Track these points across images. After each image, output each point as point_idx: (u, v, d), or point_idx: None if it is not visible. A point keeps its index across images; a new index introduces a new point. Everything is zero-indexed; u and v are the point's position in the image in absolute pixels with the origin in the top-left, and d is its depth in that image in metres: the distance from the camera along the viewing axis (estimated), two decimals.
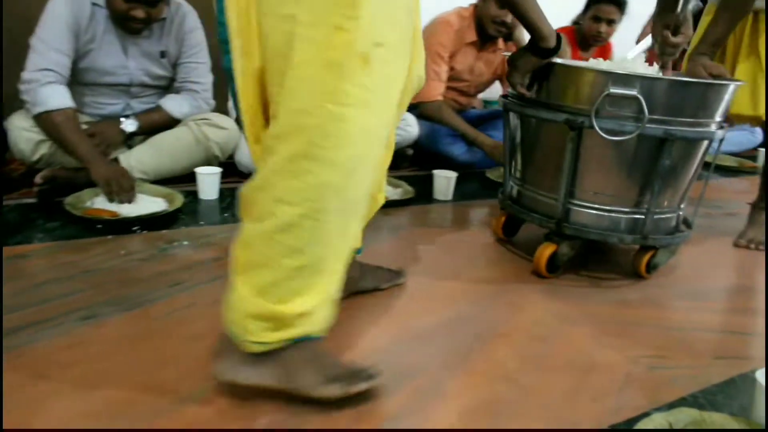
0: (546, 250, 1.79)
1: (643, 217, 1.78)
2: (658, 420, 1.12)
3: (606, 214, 1.80)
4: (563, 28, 3.51)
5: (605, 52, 3.59)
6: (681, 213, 1.91)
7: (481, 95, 3.45)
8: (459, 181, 2.48)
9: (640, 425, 1.11)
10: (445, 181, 2.43)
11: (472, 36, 2.91)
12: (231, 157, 2.49)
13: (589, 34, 3.37)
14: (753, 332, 1.63)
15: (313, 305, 1.08)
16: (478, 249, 2.00)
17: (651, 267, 1.88)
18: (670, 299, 1.78)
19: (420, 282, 1.70)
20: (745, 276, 2.05)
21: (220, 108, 2.50)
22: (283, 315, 1.06)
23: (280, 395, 1.11)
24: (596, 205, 1.79)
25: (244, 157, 2.46)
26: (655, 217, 1.79)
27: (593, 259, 1.99)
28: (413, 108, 2.81)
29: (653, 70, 1.84)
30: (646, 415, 1.16)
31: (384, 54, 1.02)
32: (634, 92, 1.62)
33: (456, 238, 2.10)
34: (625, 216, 1.80)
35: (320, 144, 0.99)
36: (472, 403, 1.18)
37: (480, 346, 1.39)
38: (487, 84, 3.18)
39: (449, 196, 2.45)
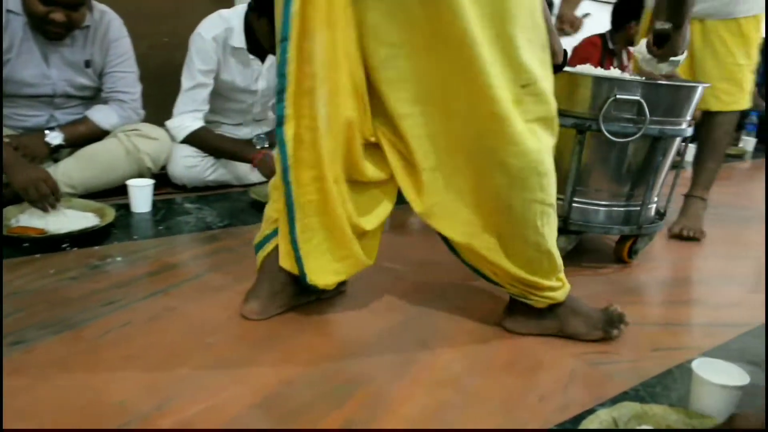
0: None
1: (637, 209, 1.98)
2: (602, 416, 1.14)
3: (606, 209, 1.98)
4: None
5: None
6: (656, 203, 2.12)
7: None
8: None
9: (586, 422, 1.13)
10: None
11: None
12: (164, 168, 2.42)
13: None
14: (686, 323, 1.68)
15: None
16: (419, 253, 2.01)
17: (633, 252, 2.07)
18: (608, 295, 1.81)
19: (363, 289, 1.69)
20: (677, 268, 2.11)
21: (150, 118, 2.43)
22: (559, 282, 1.47)
23: None
24: (597, 201, 1.97)
25: (177, 168, 2.40)
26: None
27: None
28: None
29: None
30: (591, 411, 1.18)
31: (533, 89, 1.27)
32: (637, 96, 1.79)
33: (397, 242, 2.09)
34: (622, 209, 1.99)
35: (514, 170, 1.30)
36: (419, 411, 1.17)
37: (425, 352, 1.39)
38: None
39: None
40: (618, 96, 1.78)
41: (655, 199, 2.07)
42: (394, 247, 2.03)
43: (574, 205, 1.95)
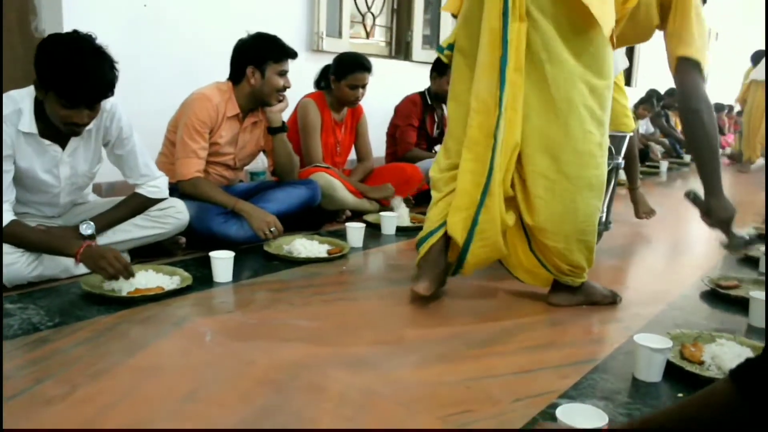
0: None
1: (604, 215, 2.89)
2: None
3: None
4: (311, 94, 3.62)
5: (358, 112, 3.79)
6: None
7: (247, 168, 3.42)
8: (238, 260, 2.39)
9: None
10: (222, 262, 2.33)
11: (233, 109, 2.88)
12: None
13: (346, 100, 3.56)
14: (539, 368, 1.73)
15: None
16: (269, 331, 1.93)
17: None
18: (457, 350, 1.84)
19: (213, 379, 1.60)
20: (519, 314, 2.18)
21: None
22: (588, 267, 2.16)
23: None
24: None
25: None
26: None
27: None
28: (174, 190, 2.69)
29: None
30: None
31: (606, 140, 2.07)
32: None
33: (243, 322, 2.01)
34: None
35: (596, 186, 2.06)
36: None
37: None
38: (252, 156, 3.15)
39: (229, 277, 2.35)
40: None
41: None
42: (239, 328, 1.95)
43: None
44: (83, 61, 1.99)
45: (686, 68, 2.08)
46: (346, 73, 3.51)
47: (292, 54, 2.92)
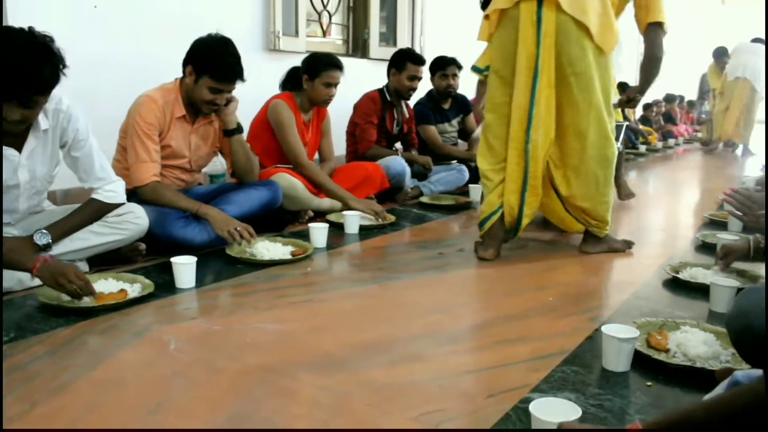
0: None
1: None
2: None
3: None
4: (280, 95, 3.57)
5: (323, 112, 3.74)
6: None
7: (206, 170, 3.36)
8: (200, 265, 2.34)
9: None
10: (184, 268, 2.28)
11: (180, 110, 2.80)
12: None
13: (319, 99, 3.53)
14: (510, 363, 1.73)
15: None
16: (235, 336, 1.90)
17: None
18: (427, 348, 1.83)
19: (180, 389, 1.56)
20: (487, 309, 2.19)
21: None
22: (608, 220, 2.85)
23: None
24: None
25: None
26: None
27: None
28: (132, 195, 2.63)
29: None
30: None
31: (614, 126, 2.75)
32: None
33: (208, 328, 1.96)
34: None
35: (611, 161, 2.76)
36: None
37: None
38: (208, 157, 3.09)
39: (192, 282, 2.30)
40: None
41: None
42: (204, 334, 1.91)
43: None
44: (14, 55, 1.93)
45: (654, 29, 2.77)
46: (320, 71, 3.47)
47: (232, 77, 2.78)
